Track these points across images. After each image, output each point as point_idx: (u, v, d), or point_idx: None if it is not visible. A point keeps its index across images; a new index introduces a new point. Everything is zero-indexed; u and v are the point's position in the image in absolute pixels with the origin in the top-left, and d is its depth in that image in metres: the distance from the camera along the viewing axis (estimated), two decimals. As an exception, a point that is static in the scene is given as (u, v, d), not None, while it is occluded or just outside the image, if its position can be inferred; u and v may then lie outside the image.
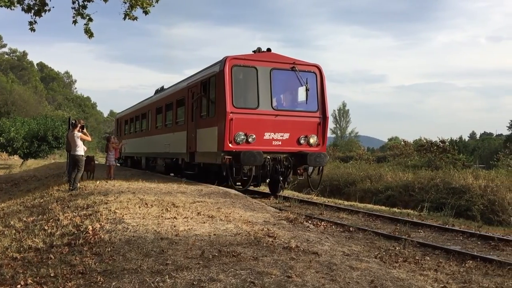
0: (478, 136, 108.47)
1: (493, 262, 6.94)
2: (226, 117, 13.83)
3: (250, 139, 14.09)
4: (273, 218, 9.41)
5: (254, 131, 14.15)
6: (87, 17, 12.20)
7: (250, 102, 14.49)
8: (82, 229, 8.02)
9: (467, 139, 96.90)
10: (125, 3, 11.57)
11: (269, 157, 14.16)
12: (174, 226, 7.81)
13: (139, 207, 9.62)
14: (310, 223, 9.68)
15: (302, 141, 14.83)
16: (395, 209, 16.11)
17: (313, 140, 14.93)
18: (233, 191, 13.60)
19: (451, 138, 56.96)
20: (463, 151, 52.15)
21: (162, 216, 8.66)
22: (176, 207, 9.70)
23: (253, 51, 15.35)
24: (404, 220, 11.21)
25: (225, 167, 13.97)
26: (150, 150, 24.07)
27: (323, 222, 10.56)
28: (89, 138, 16.02)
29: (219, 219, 8.68)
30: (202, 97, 15.93)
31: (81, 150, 14.50)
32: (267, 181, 16.17)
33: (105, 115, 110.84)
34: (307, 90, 14.98)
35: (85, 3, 11.97)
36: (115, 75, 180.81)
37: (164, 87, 23.50)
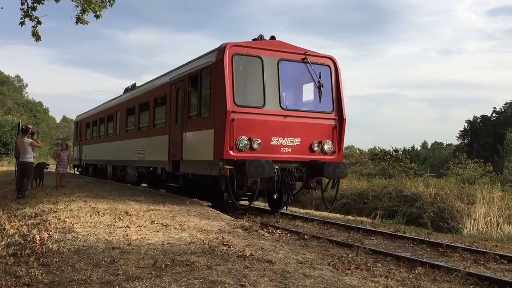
0: (429, 146, 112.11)
1: (441, 268, 7.15)
2: (226, 118, 11.10)
3: (255, 145, 11.38)
4: (228, 226, 9.37)
5: (259, 135, 11.46)
6: (36, 20, 11.86)
7: (255, 99, 11.76)
8: (29, 239, 7.72)
9: (419, 148, 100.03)
10: (77, 6, 11.33)
11: (277, 167, 11.50)
12: (127, 235, 7.64)
13: (91, 215, 9.36)
14: (265, 231, 9.70)
15: (315, 148, 12.24)
16: (350, 217, 16.38)
17: (327, 146, 12.39)
18: (188, 199, 13.46)
19: (404, 147, 58.74)
20: (415, 160, 53.80)
21: (114, 225, 8.46)
22: (129, 215, 9.50)
23: (253, 40, 12.65)
24: (358, 228, 11.41)
25: (224, 180, 11.16)
26: (118, 157, 20.97)
27: (278, 230, 10.61)
28: (39, 145, 15.49)
29: (174, 227, 8.56)
30: (191, 94, 13.28)
31: (30, 157, 14.02)
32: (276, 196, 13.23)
33: (58, 120, 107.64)
34: (320, 86, 12.46)
35: (35, 4, 11.64)
36: (69, 79, 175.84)
37: (137, 85, 20.34)
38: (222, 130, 11.21)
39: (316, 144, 12.24)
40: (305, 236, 9.91)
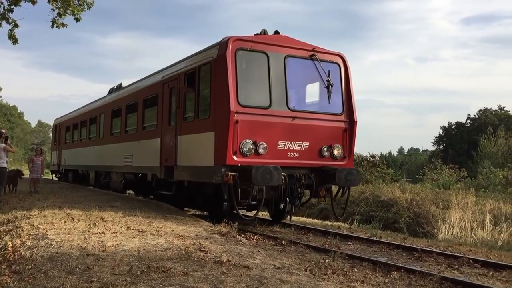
0: (406, 151, 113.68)
1: (416, 273, 7.23)
2: (230, 119, 10.09)
3: (260, 149, 10.40)
4: (205, 232, 9.32)
5: (265, 138, 10.50)
6: (13, 22, 11.68)
7: (260, 99, 10.78)
8: (0, 246, 7.55)
9: (395, 154, 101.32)
10: (53, 10, 11.20)
11: (284, 173, 10.47)
12: (102, 242, 7.54)
13: (65, 222, 9.22)
14: (243, 237, 9.68)
15: (325, 153, 11.32)
16: (327, 222, 16.47)
17: (337, 151, 11.48)
18: (165, 205, 13.35)
19: (380, 153, 59.38)
20: (392, 166, 54.41)
21: (89, 231, 8.34)
22: (105, 221, 9.38)
23: (255, 35, 11.55)
24: (335, 233, 11.47)
25: (227, 188, 10.28)
26: (102, 162, 19.53)
27: (256, 236, 10.59)
28: (13, 150, 15.22)
29: (150, 233, 8.48)
30: (187, 94, 12.13)
31: (3, 162, 13.75)
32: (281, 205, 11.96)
33: (33, 125, 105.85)
34: (330, 85, 11.56)
35: (12, 7, 11.46)
36: (45, 83, 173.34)
37: (123, 85, 18.91)
38: (224, 133, 10.23)
39: (325, 149, 11.33)
40: (283, 242, 9.92)
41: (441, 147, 67.01)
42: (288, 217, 12.97)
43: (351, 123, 11.78)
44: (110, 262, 6.37)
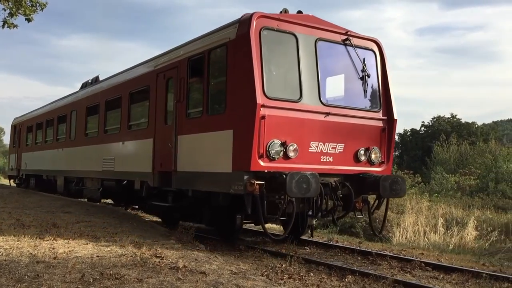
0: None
1: (370, 276, 7.38)
2: (255, 114, 8.24)
3: (290, 152, 8.58)
4: (162, 238, 9.21)
5: (295, 138, 8.70)
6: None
7: (289, 91, 8.96)
8: None
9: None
10: (5, 10, 10.84)
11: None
12: (53, 249, 7.32)
13: (15, 228, 8.90)
14: (200, 242, 9.60)
15: (362, 157, 9.56)
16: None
17: (375, 155, 9.73)
18: (122, 210, 13.11)
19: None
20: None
21: (40, 238, 8.09)
22: (57, 227, 9.13)
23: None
24: (292, 238, 11.54)
25: (251, 200, 8.32)
26: (73, 167, 16.90)
27: (213, 241, 10.53)
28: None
29: (104, 239, 8.31)
30: (191, 84, 10.20)
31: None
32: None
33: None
34: (366, 76, 9.88)
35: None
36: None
37: (100, 78, 16.51)
38: (247, 131, 8.35)
39: (362, 152, 9.57)
40: (240, 247, 9.91)
41: (396, 153, 68.73)
42: (309, 232, 10.84)
43: (390, 121, 10.02)
44: (61, 270, 6.19)
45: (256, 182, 8.12)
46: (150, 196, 11.63)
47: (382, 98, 10.11)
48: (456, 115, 59.06)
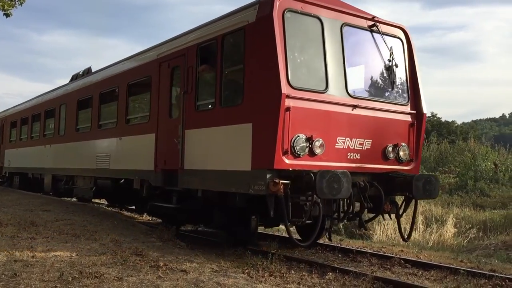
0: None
1: (350, 273, 7.44)
2: (279, 105, 7.47)
3: (317, 149, 7.84)
4: (143, 236, 9.17)
5: (321, 133, 7.96)
6: None
7: (314, 80, 8.21)
8: None
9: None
10: (-18, 5, 10.65)
11: None
12: (31, 247, 7.24)
13: (-8, 226, 8.76)
14: (181, 240, 9.56)
15: (390, 154, 8.85)
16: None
17: (403, 152, 9.02)
18: (102, 208, 12.99)
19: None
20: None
21: (18, 236, 7.99)
22: (36, 226, 9.02)
23: None
24: (274, 235, 11.58)
25: (273, 202, 7.53)
26: (62, 164, 15.78)
27: (194, 239, 10.50)
28: None
29: (84, 238, 8.24)
30: (200, 74, 9.40)
31: None
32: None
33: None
34: (394, 66, 9.17)
35: None
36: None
37: (93, 70, 15.35)
38: (270, 125, 7.58)
39: (390, 149, 8.85)
40: (222, 245, 9.90)
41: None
42: (327, 235, 10.00)
43: (419, 116, 9.31)
44: (40, 268, 6.12)
45: (281, 181, 7.30)
46: (151, 196, 10.70)
47: (410, 91, 9.40)
48: (436, 114, 59.78)
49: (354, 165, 8.35)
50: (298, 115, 7.69)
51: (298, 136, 7.67)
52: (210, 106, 9.16)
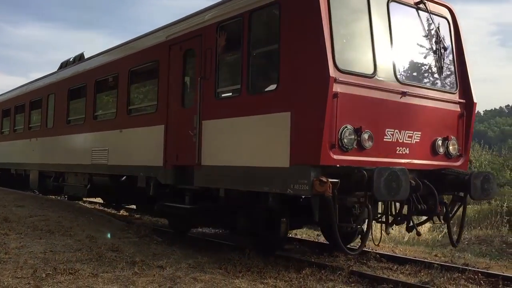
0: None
1: (326, 268, 7.49)
2: (326, 91, 6.46)
3: (365, 142, 6.85)
4: (119, 232, 9.10)
5: (369, 124, 6.93)
6: None
7: (362, 63, 7.21)
8: None
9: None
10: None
11: None
12: (4, 244, 7.12)
13: (-37, 223, 8.57)
14: (158, 236, 9.51)
15: (440, 149, 7.81)
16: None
17: (453, 146, 7.98)
18: (77, 204, 12.82)
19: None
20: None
21: (-10, 233, 7.82)
22: (9, 222, 8.86)
23: None
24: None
25: (318, 203, 6.65)
26: (50, 159, 14.42)
27: (171, 235, 10.44)
28: None
29: (59, 234, 8.14)
30: (221, 57, 8.31)
31: None
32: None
33: None
34: (442, 49, 8.11)
35: None
36: None
37: (85, 56, 14.03)
38: (315, 114, 6.55)
39: (440, 143, 7.81)
40: (199, 240, 9.88)
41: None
42: (359, 239, 9.01)
43: (469, 105, 8.28)
44: (13, 265, 6.02)
45: (330, 180, 6.28)
46: (160, 195, 9.60)
47: (459, 77, 8.36)
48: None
49: (403, 161, 7.32)
50: (346, 103, 6.67)
51: (346, 127, 6.68)
52: (234, 93, 8.11)
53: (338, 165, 6.57)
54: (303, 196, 7.31)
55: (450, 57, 8.41)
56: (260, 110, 7.39)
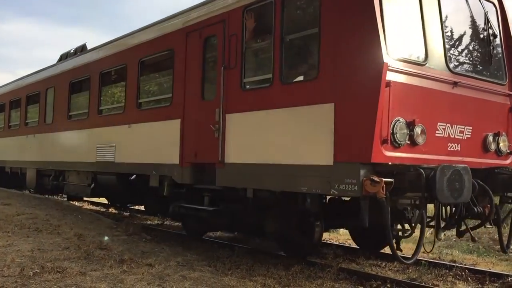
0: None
1: (315, 265, 7.53)
2: (380, 79, 5.82)
3: (418, 137, 6.20)
4: (108, 230, 9.06)
5: (421, 117, 6.28)
6: None
7: (412, 49, 6.60)
8: None
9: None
10: None
11: None
12: (-9, 242, 7.04)
13: (-52, 221, 8.48)
14: (147, 234, 9.48)
15: (491, 146, 7.20)
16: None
17: (503, 143, 7.37)
18: (65, 202, 12.72)
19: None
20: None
21: (-24, 231, 7.75)
22: (-4, 220, 8.77)
23: None
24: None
25: (366, 207, 6.01)
26: (50, 157, 13.54)
27: (160, 233, 10.43)
28: None
29: (47, 232, 8.08)
30: (248, 43, 7.67)
31: None
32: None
33: None
34: (491, 37, 7.50)
35: None
36: None
37: (88, 47, 13.21)
38: (366, 105, 5.89)
39: (491, 139, 7.18)
40: (189, 238, 9.87)
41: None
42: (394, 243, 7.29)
43: None
44: (-1, 264, 5.97)
45: (384, 180, 5.64)
46: (174, 196, 8.99)
47: (508, 67, 7.72)
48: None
49: (454, 158, 6.65)
50: (398, 93, 6.03)
51: (398, 120, 6.04)
52: (264, 83, 7.36)
53: (390, 163, 5.93)
54: (347, 198, 6.79)
55: (498, 45, 7.76)
56: (296, 102, 6.70)
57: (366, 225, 6.04)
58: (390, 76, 5.86)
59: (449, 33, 7.16)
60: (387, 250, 9.56)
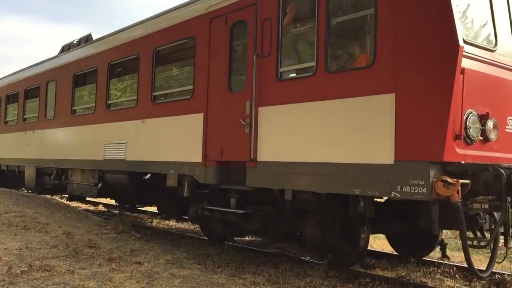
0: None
1: (305, 263, 7.55)
2: (455, 64, 5.09)
3: (491, 133, 5.58)
4: (97, 228, 9.02)
5: (493, 109, 5.65)
6: None
7: (482, 33, 6.04)
8: None
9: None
10: None
11: None
12: (-22, 240, 6.98)
13: None
14: (137, 232, 9.45)
15: None
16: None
17: None
18: (55, 200, 12.64)
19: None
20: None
21: (-37, 229, 7.68)
22: (-17, 218, 8.69)
23: None
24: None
25: (437, 211, 5.27)
26: (51, 154, 12.66)
27: (150, 231, 10.39)
28: None
29: (35, 230, 8.03)
30: (286, 29, 6.90)
31: None
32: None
33: None
34: None
35: None
36: None
37: (94, 37, 12.20)
38: (435, 95, 5.21)
39: None
40: (178, 236, 9.85)
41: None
42: (439, 248, 7.74)
43: None
44: (-14, 262, 5.92)
45: (460, 182, 5.01)
46: (194, 197, 8.32)
47: None
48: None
49: None
50: (471, 82, 5.32)
51: (471, 112, 5.36)
52: (305, 72, 6.66)
53: (463, 162, 5.27)
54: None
55: None
56: (346, 93, 6.00)
57: (438, 233, 5.61)
58: (464, 63, 5.20)
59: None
60: (378, 248, 9.63)
